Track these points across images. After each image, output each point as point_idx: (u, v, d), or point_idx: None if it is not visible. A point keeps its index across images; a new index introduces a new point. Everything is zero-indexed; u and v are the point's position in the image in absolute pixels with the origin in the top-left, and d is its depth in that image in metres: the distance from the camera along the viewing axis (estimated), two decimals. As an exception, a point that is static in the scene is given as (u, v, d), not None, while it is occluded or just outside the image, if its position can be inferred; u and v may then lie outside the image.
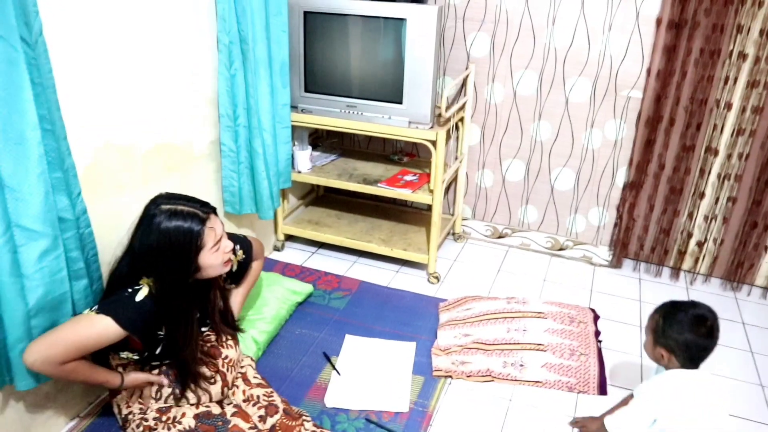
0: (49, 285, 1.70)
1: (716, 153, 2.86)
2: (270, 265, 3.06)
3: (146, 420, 1.86)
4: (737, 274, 3.04)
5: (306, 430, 1.97)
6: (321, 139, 3.42)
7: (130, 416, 1.89)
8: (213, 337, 2.06)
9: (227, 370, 2.03)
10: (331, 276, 3.02)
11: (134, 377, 1.86)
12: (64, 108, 1.74)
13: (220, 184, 2.68)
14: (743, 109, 2.74)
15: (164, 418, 1.86)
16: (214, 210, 1.84)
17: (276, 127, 2.74)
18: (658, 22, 2.69)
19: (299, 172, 3.03)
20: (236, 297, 2.26)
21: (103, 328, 1.69)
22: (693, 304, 1.76)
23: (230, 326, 2.13)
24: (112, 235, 1.94)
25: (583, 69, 2.90)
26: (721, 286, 3.10)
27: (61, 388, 2.02)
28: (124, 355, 1.86)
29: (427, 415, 2.19)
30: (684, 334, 1.71)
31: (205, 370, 1.96)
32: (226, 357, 2.04)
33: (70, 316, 1.78)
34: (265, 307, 2.57)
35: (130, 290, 1.75)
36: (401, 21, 2.61)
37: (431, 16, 2.57)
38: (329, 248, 3.28)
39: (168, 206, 1.76)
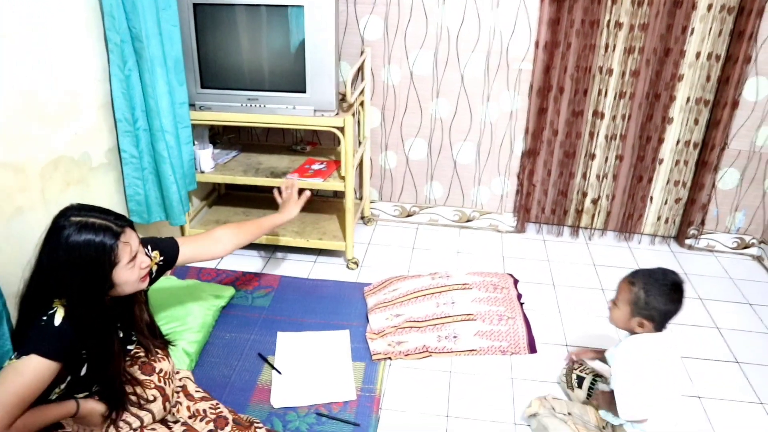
0: None
1: (602, 116, 3.08)
2: (183, 272, 2.92)
3: None
4: (628, 225, 3.31)
5: (261, 435, 1.92)
6: (218, 136, 3.29)
7: None
8: (142, 354, 1.94)
9: (164, 384, 1.92)
10: (249, 275, 2.94)
11: (90, 405, 1.71)
12: None
13: (123, 194, 2.51)
14: (623, 74, 2.97)
15: None
16: (130, 223, 1.69)
17: (177, 127, 2.60)
18: (542, -4, 2.84)
19: (203, 172, 2.90)
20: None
21: (33, 370, 1.51)
22: (663, 273, 1.85)
23: (159, 338, 2.02)
24: (15, 263, 1.76)
25: (475, 46, 3.00)
26: (615, 238, 3.36)
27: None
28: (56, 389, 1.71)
29: (375, 399, 2.21)
30: (667, 305, 1.81)
31: (142, 391, 1.84)
32: (161, 370, 1.93)
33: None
34: (189, 316, 2.45)
35: (45, 317, 1.57)
36: (299, 8, 2.55)
37: (329, 2, 2.53)
38: (242, 247, 3.17)
39: (78, 218, 1.59)
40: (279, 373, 2.31)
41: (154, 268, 1.96)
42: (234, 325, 2.59)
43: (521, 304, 2.73)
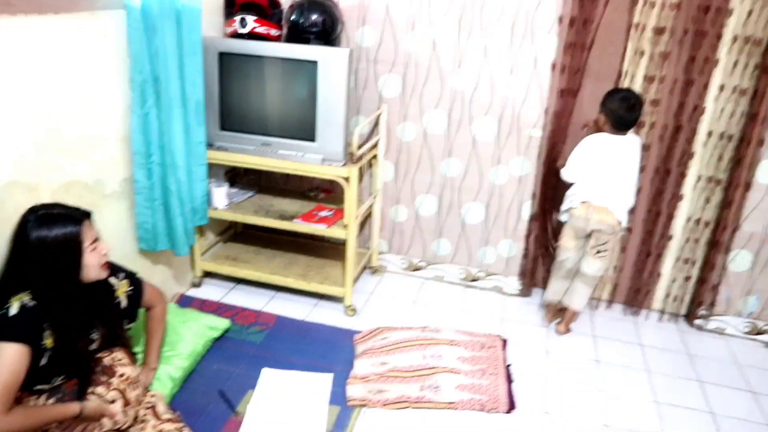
0: None
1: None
2: (187, 302, 3.05)
3: None
4: (636, 299, 3.25)
5: (218, 463, 1.97)
6: (239, 177, 3.47)
7: None
8: (106, 357, 2.04)
9: (126, 388, 2.01)
10: (248, 311, 3.04)
11: (93, 406, 1.86)
12: None
13: (133, 222, 2.68)
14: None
15: None
16: (88, 215, 1.91)
17: (191, 164, 2.77)
18: (553, 67, 2.92)
19: (216, 208, 3.06)
20: (151, 352, 2.33)
21: (3, 356, 1.67)
22: (626, 89, 2.77)
23: (121, 339, 2.13)
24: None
25: (488, 110, 3.09)
26: (622, 312, 3.30)
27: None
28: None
29: (341, 444, 2.23)
30: (615, 104, 2.69)
31: (104, 391, 1.94)
32: (123, 375, 2.03)
33: None
34: (181, 342, 2.56)
35: (1, 312, 1.73)
36: (313, 63, 2.72)
37: (342, 59, 2.69)
38: (247, 284, 3.29)
39: (42, 212, 1.82)
40: (234, 412, 2.35)
41: (123, 296, 2.12)
42: (223, 357, 2.67)
43: (507, 365, 2.72)
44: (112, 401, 1.94)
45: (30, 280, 1.78)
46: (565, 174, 2.86)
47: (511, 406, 2.48)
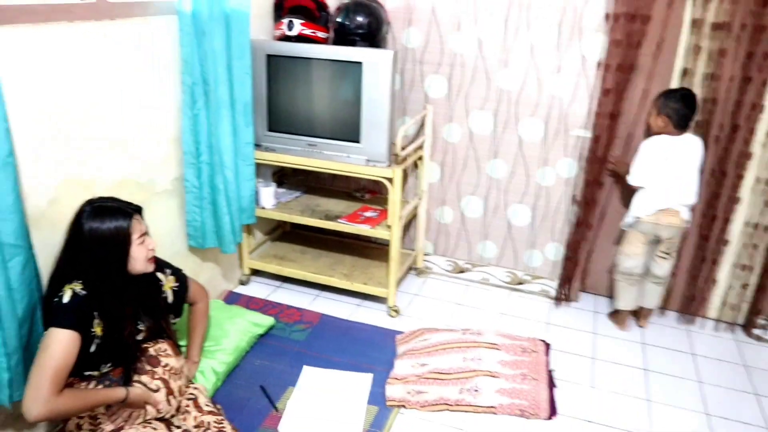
0: (29, 295, 1.87)
1: (662, 190, 2.99)
2: (235, 299, 3.13)
3: None
4: (690, 307, 3.13)
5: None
6: (287, 177, 3.53)
7: None
8: (151, 348, 2.12)
9: (169, 378, 2.08)
10: (293, 309, 3.09)
11: (138, 392, 1.94)
12: (23, 142, 1.90)
13: (183, 220, 2.77)
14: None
15: None
16: (139, 210, 2.00)
17: (239, 164, 2.84)
18: (601, 65, 2.85)
19: (263, 207, 3.13)
20: (193, 347, 2.40)
21: (54, 341, 1.78)
22: (682, 88, 2.74)
23: (167, 333, 2.20)
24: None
25: (534, 110, 3.05)
26: (676, 320, 3.19)
27: (19, 415, 2.06)
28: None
29: (378, 443, 2.24)
30: (677, 103, 2.66)
31: (149, 380, 2.02)
32: (167, 365, 2.09)
33: (41, 322, 1.92)
34: (225, 338, 2.62)
35: (56, 299, 1.84)
36: (358, 65, 2.75)
37: (386, 60, 2.71)
38: (293, 282, 3.35)
39: (97, 204, 1.93)
40: (275, 409, 2.40)
41: (169, 292, 2.21)
42: (267, 354, 2.73)
43: (550, 370, 2.66)
44: (156, 390, 2.02)
45: (82, 269, 1.88)
46: (632, 180, 2.83)
47: (553, 412, 2.43)
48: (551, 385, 2.57)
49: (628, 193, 2.94)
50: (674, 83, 2.85)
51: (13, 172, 1.78)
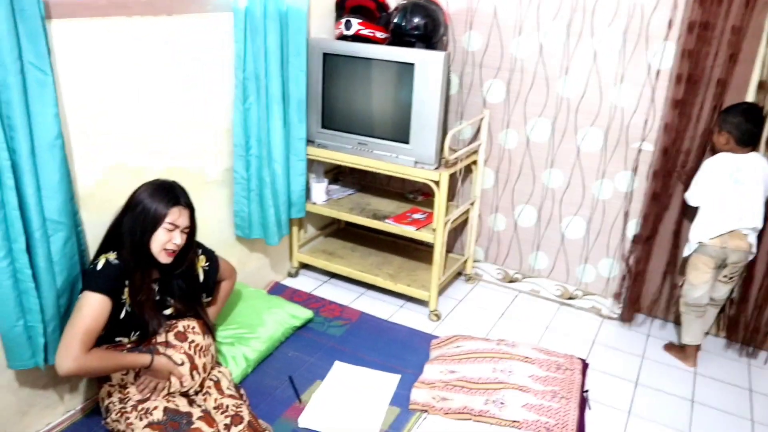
0: (69, 269, 2.02)
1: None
2: (280, 290, 3.21)
3: (125, 409, 2.03)
4: (754, 339, 2.90)
5: (267, 443, 2.08)
6: (343, 174, 3.57)
7: (111, 405, 2.07)
8: (180, 324, 2.21)
9: (195, 353, 2.16)
10: (335, 305, 3.13)
11: (163, 362, 2.06)
12: (77, 127, 2.08)
13: (231, 209, 2.87)
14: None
15: (139, 407, 2.02)
16: (186, 205, 2.09)
17: (290, 159, 2.92)
18: (672, 76, 2.69)
19: (314, 203, 3.19)
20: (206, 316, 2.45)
21: (86, 303, 1.93)
22: (746, 102, 2.59)
23: (198, 311, 2.29)
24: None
25: (594, 120, 2.92)
26: (735, 350, 2.95)
27: (60, 380, 2.21)
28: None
29: (393, 445, 2.24)
30: (738, 118, 2.51)
31: (173, 353, 2.11)
32: (193, 341, 2.18)
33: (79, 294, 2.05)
34: (261, 327, 2.70)
35: (91, 266, 2.02)
36: (410, 66, 2.74)
37: (438, 62, 2.69)
38: (340, 279, 3.39)
39: (158, 182, 2.08)
40: (299, 401, 2.43)
41: (200, 270, 2.29)
42: (301, 346, 2.78)
43: (584, 391, 2.55)
44: (181, 364, 2.11)
45: (119, 240, 2.03)
46: (690, 198, 2.70)
47: (580, 436, 2.33)
48: (583, 406, 2.47)
49: (692, 212, 2.76)
50: (750, 97, 2.65)
51: (59, 153, 1.91)
